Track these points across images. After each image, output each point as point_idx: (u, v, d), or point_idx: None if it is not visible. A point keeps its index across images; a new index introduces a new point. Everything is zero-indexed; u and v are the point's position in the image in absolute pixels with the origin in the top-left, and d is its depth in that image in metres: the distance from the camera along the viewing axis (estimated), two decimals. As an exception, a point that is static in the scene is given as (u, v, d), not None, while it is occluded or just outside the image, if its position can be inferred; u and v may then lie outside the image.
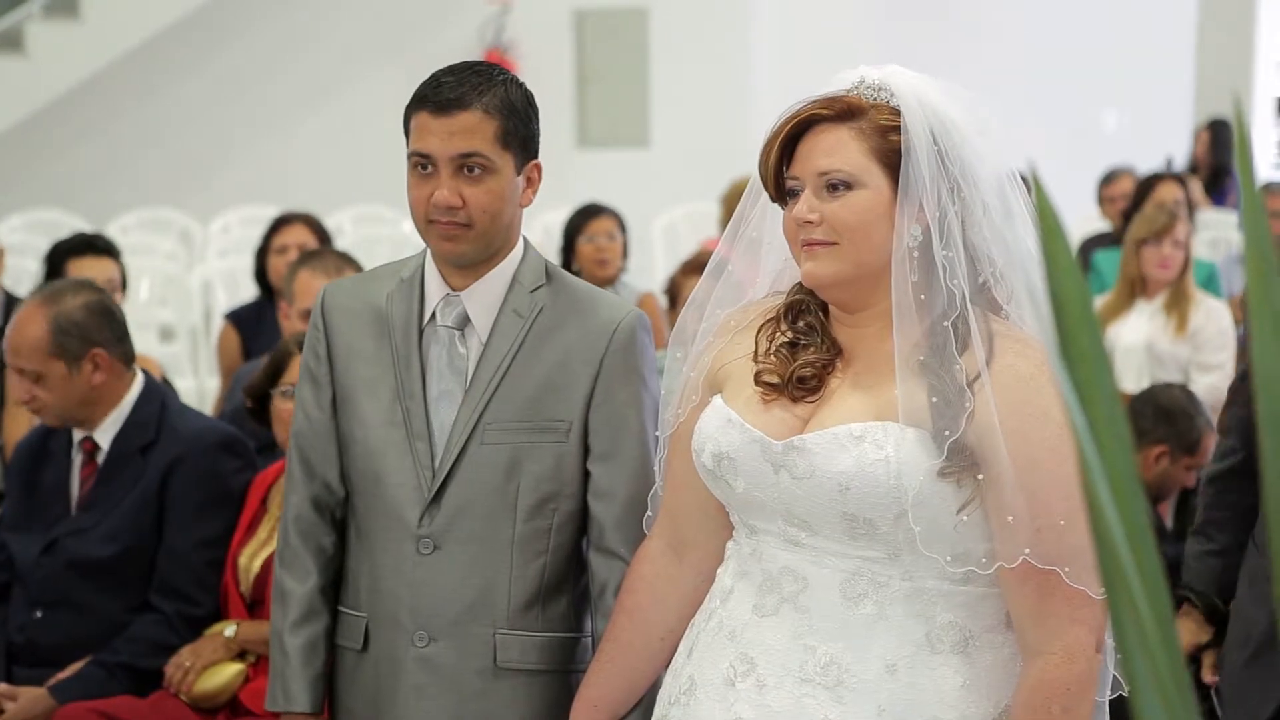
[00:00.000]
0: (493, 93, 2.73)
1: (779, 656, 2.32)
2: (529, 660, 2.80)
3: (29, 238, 8.68)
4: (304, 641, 2.86)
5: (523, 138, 2.76)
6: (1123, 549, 1.10)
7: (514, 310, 2.80)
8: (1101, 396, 1.11)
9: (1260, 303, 1.12)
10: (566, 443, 2.78)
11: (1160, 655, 1.10)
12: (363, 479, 2.84)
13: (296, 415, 2.91)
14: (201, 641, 3.76)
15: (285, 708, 2.87)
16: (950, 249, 2.24)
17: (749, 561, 2.37)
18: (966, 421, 2.19)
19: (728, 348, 2.43)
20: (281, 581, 2.90)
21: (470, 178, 2.73)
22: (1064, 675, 2.22)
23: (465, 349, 2.81)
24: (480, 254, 2.78)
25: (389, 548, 2.81)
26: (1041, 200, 1.14)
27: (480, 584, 2.79)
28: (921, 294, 2.24)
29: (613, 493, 2.78)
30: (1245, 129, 1.24)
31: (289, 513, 2.90)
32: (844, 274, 2.29)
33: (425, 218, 2.75)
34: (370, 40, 11.07)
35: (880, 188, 2.27)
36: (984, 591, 2.28)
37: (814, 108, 2.30)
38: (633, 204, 8.42)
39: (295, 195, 9.02)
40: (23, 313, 3.91)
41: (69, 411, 3.89)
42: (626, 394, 2.78)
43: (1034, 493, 2.18)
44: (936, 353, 2.23)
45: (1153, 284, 6.47)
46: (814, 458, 2.26)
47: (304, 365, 2.90)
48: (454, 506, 2.78)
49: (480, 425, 2.78)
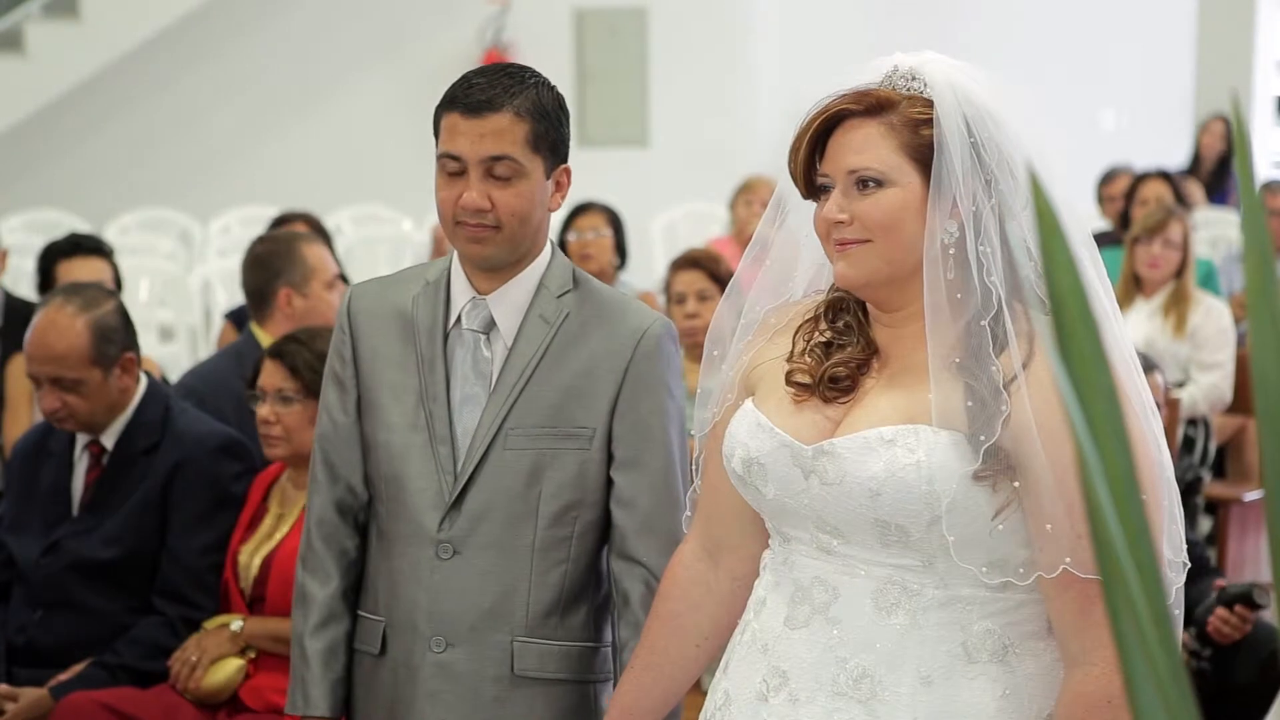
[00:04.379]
0: (524, 95, 2.70)
1: (811, 669, 2.24)
2: (547, 669, 2.78)
3: (29, 238, 8.67)
4: (325, 645, 2.85)
5: (553, 141, 2.74)
6: (1122, 549, 1.10)
7: (540, 315, 2.78)
8: (1101, 396, 1.11)
9: (1260, 302, 1.12)
10: (590, 450, 2.76)
11: (1160, 655, 1.10)
12: (385, 483, 2.82)
13: (321, 418, 2.89)
14: (206, 635, 3.75)
15: (305, 712, 2.86)
16: (986, 244, 2.16)
17: (781, 571, 2.30)
18: (1003, 425, 2.12)
19: (765, 348, 2.35)
20: (303, 584, 2.87)
21: (499, 180, 2.70)
22: (1105, 688, 2.12)
23: (490, 353, 2.79)
24: (507, 257, 2.76)
25: (408, 552, 2.79)
26: (1041, 200, 1.14)
27: (499, 591, 2.76)
28: (957, 292, 2.16)
29: (635, 501, 2.75)
30: (1245, 129, 1.23)
31: (311, 516, 2.88)
32: (878, 273, 2.21)
33: (453, 219, 2.73)
34: (370, 41, 11.06)
35: (912, 185, 2.19)
36: (1022, 598, 2.20)
37: (843, 102, 2.21)
38: (632, 204, 8.42)
39: (295, 195, 9.01)
40: (55, 319, 3.81)
41: (97, 418, 3.86)
42: (652, 402, 2.75)
43: (1073, 499, 2.08)
44: (973, 353, 2.15)
45: (1147, 283, 6.47)
46: (844, 462, 2.19)
47: (329, 368, 2.88)
48: (475, 512, 2.76)
49: (503, 430, 2.75)
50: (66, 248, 5.64)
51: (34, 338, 3.85)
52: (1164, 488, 2.19)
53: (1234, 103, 1.28)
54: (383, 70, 11.02)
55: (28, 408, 5.19)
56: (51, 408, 3.82)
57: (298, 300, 4.65)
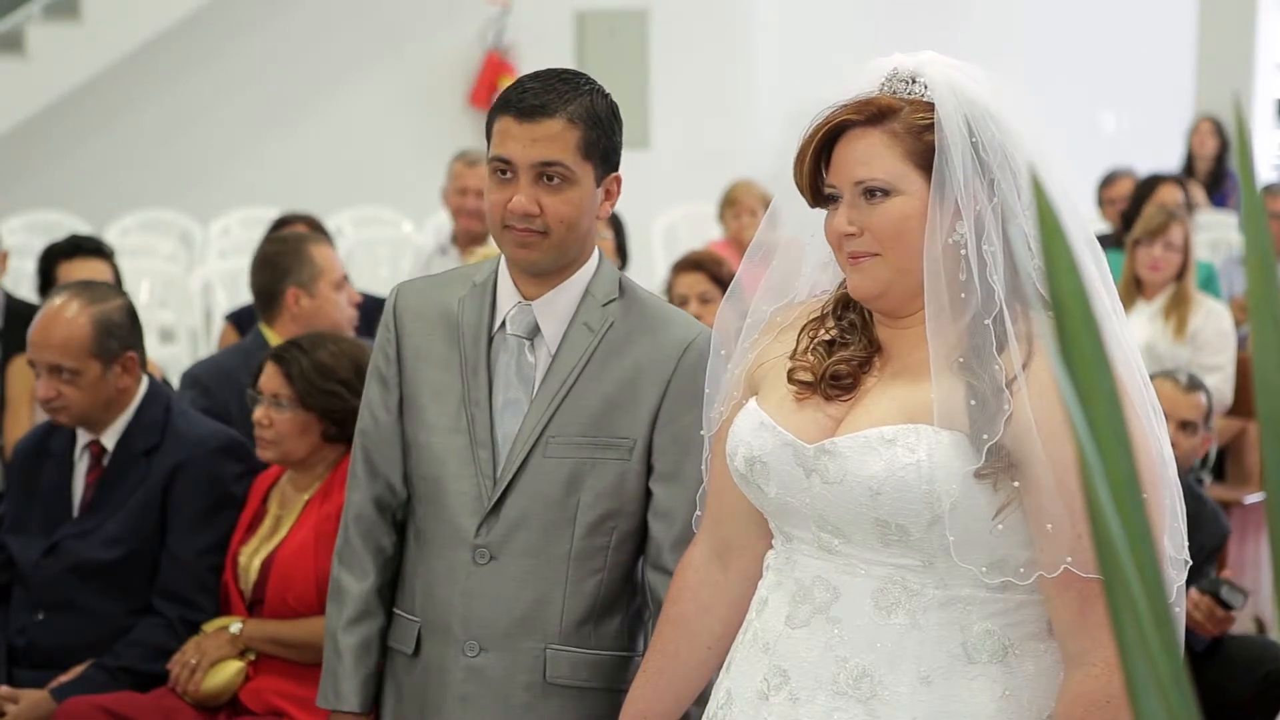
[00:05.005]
0: (578, 102, 2.69)
1: (811, 669, 2.25)
2: (579, 677, 2.78)
3: (29, 239, 8.67)
4: (358, 641, 2.85)
5: (604, 149, 2.73)
6: (1123, 549, 1.10)
7: (584, 323, 2.78)
8: (1101, 396, 1.11)
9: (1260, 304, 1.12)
10: (630, 461, 2.75)
11: (1160, 655, 1.10)
12: (424, 484, 2.82)
13: (363, 415, 2.89)
14: (206, 638, 3.75)
15: (335, 706, 2.86)
16: (989, 244, 2.16)
17: (784, 571, 2.31)
18: (1005, 424, 2.12)
19: (769, 346, 2.35)
20: (339, 579, 2.88)
21: (549, 186, 2.69)
22: (1104, 687, 2.13)
23: (534, 359, 2.78)
24: (554, 263, 2.75)
25: (445, 555, 2.79)
26: (1041, 201, 1.14)
27: (534, 598, 2.76)
28: (961, 292, 2.16)
29: (673, 514, 2.75)
30: (1245, 129, 1.23)
31: (350, 511, 2.89)
32: (892, 284, 2.22)
33: (501, 223, 2.72)
34: (370, 41, 11.07)
35: (918, 192, 2.18)
36: (1022, 599, 2.20)
37: (845, 113, 2.21)
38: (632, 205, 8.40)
39: (295, 196, 9.01)
40: (61, 309, 3.85)
41: (91, 413, 3.87)
42: (693, 416, 2.71)
43: (1074, 498, 2.08)
44: (975, 353, 2.15)
45: (1148, 285, 6.47)
46: (845, 461, 2.19)
47: (373, 366, 2.88)
48: (512, 518, 2.76)
49: (544, 438, 2.75)
50: (67, 249, 5.65)
51: (38, 324, 3.88)
52: (1166, 486, 2.20)
53: (1235, 105, 1.28)
54: (383, 71, 11.02)
55: (28, 409, 5.20)
56: (46, 395, 3.84)
57: (305, 300, 4.66)
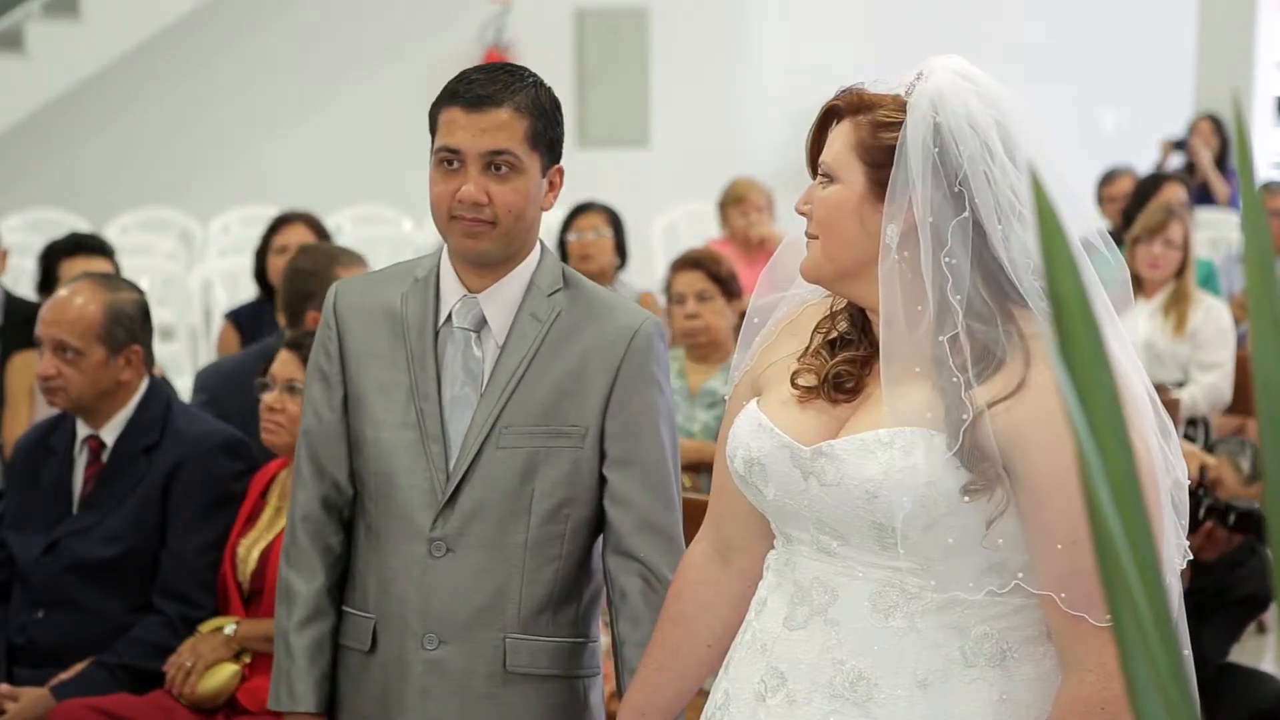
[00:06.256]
0: (524, 92, 2.73)
1: (808, 671, 2.24)
2: (539, 665, 2.79)
3: (29, 237, 8.67)
4: (310, 641, 2.85)
5: (549, 140, 2.76)
6: (1123, 549, 1.10)
7: (531, 314, 2.79)
8: (1101, 396, 1.11)
9: (1260, 302, 1.12)
10: (582, 448, 2.77)
11: (1160, 655, 1.10)
12: (375, 480, 2.82)
13: (306, 414, 2.89)
14: (201, 640, 3.75)
15: (290, 707, 2.86)
16: (951, 256, 2.15)
17: (783, 572, 2.31)
18: (966, 436, 2.12)
19: (772, 347, 2.36)
20: (288, 580, 2.88)
21: (497, 176, 2.72)
22: (1099, 694, 2.13)
23: (481, 352, 2.80)
24: (501, 253, 2.77)
25: (399, 550, 2.80)
26: (1041, 200, 1.14)
27: (492, 588, 2.77)
28: (917, 304, 2.17)
29: (630, 499, 2.77)
30: (1245, 129, 1.23)
31: (296, 512, 2.89)
32: (823, 268, 2.25)
33: (448, 214, 2.74)
34: (370, 40, 11.07)
35: (852, 183, 2.21)
36: (1021, 602, 2.19)
37: (834, 100, 2.27)
38: (632, 204, 8.42)
39: (295, 195, 9.01)
40: (75, 290, 3.90)
41: (86, 399, 3.88)
42: (643, 400, 2.76)
43: (1070, 505, 2.07)
44: (935, 364, 2.16)
45: (1148, 283, 6.47)
46: (842, 464, 2.19)
47: (314, 364, 2.89)
48: (468, 510, 2.77)
49: (496, 429, 2.76)
50: (67, 247, 5.66)
51: (52, 303, 3.92)
52: (1167, 485, 2.20)
53: (1235, 103, 1.29)
54: (383, 70, 11.01)
55: (28, 406, 5.20)
56: (45, 372, 3.86)
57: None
